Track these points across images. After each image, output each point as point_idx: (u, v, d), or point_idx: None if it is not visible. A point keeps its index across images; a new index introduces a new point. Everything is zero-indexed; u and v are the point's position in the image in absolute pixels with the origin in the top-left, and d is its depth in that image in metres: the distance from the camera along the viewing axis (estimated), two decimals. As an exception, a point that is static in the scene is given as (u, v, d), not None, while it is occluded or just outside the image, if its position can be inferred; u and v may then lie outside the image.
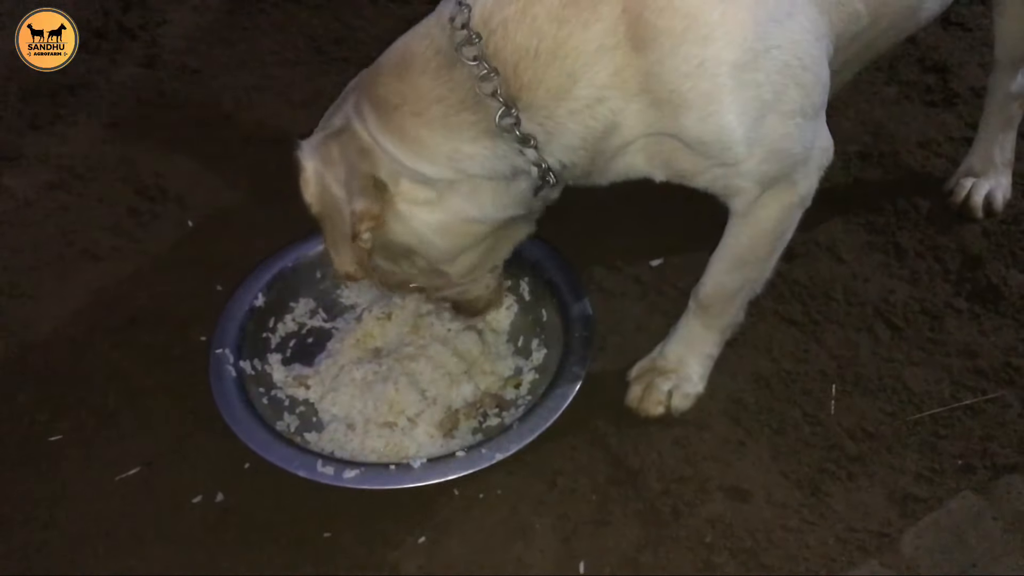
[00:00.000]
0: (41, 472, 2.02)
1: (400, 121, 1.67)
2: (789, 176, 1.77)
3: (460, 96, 1.62)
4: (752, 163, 1.67)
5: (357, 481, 1.81)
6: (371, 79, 1.72)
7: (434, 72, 1.64)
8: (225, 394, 1.96)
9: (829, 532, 1.89)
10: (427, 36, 1.67)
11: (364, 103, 1.71)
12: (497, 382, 2.10)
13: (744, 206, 1.81)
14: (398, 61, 1.69)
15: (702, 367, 2.11)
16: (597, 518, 1.93)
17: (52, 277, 2.42)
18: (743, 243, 1.91)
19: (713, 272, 2.00)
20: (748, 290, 2.02)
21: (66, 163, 2.71)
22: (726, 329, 2.09)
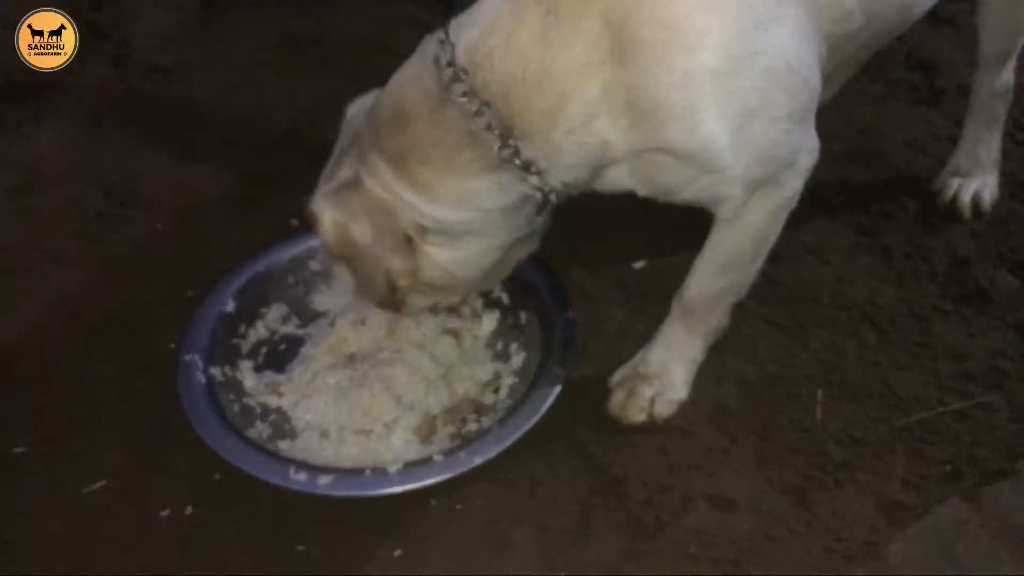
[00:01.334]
0: (4, 486, 1.96)
1: (411, 171, 1.68)
2: (776, 179, 1.75)
3: (456, 136, 1.63)
4: (739, 169, 1.66)
5: (331, 488, 1.76)
6: (374, 133, 1.72)
7: (428, 117, 1.64)
8: (194, 401, 1.91)
9: (815, 541, 1.85)
10: (416, 80, 1.67)
11: (374, 157, 1.71)
12: (475, 387, 2.06)
13: (731, 212, 1.79)
14: (395, 112, 1.69)
15: (686, 372, 2.07)
16: (578, 529, 1.88)
17: (18, 283, 2.36)
18: (729, 247, 1.89)
19: (697, 276, 1.97)
20: (733, 294, 2.00)
21: (33, 166, 2.65)
22: (710, 334, 2.06)
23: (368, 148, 1.73)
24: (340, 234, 1.77)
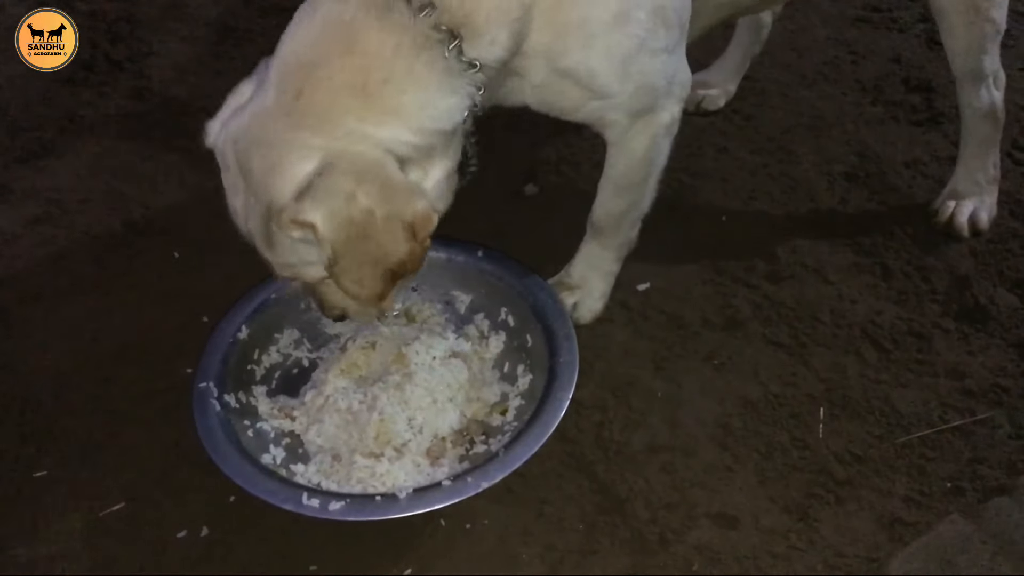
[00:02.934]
0: (25, 508, 2.01)
1: (378, 97, 1.60)
2: (655, 107, 1.95)
3: (411, 37, 1.59)
4: (624, 97, 1.87)
5: (343, 513, 1.79)
6: (315, 73, 1.60)
7: (377, 25, 1.59)
8: (209, 429, 1.94)
9: (817, 558, 1.88)
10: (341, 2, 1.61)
11: (328, 100, 1.60)
12: (483, 409, 2.09)
13: (617, 136, 1.99)
14: (333, 40, 1.60)
15: (603, 283, 2.32)
16: (584, 547, 1.92)
17: (38, 311, 2.41)
18: (620, 170, 2.09)
19: (600, 199, 2.18)
20: (634, 212, 2.20)
21: (53, 196, 2.71)
22: (621, 247, 2.28)
23: (314, 90, 1.60)
24: (344, 223, 1.61)
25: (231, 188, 1.75)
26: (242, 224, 1.77)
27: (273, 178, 1.63)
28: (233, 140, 1.68)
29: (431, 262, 2.27)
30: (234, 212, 1.78)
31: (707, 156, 2.82)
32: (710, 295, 2.41)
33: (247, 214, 1.73)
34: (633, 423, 2.13)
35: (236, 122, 1.70)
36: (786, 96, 3.03)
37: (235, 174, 1.70)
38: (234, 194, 1.75)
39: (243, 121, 1.68)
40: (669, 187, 2.70)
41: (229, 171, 1.72)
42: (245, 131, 1.66)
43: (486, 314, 2.25)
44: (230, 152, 1.70)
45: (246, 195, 1.70)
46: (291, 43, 1.65)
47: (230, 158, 1.70)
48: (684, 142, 2.83)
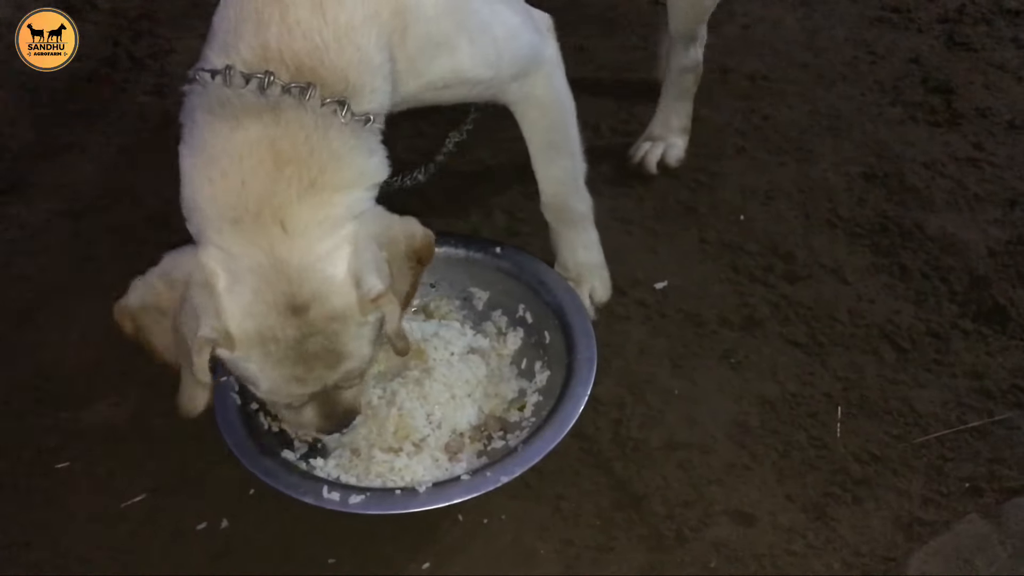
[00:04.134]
0: (48, 499, 2.04)
1: (330, 185, 1.61)
2: (533, 58, 1.99)
3: (312, 122, 1.59)
4: (502, 71, 1.93)
5: (363, 507, 1.81)
6: (273, 202, 1.56)
7: (281, 131, 1.57)
8: (230, 423, 1.96)
9: (835, 556, 1.88)
10: (229, 121, 1.57)
11: (302, 212, 1.58)
12: (501, 405, 2.10)
13: (519, 96, 2.04)
14: (257, 166, 1.56)
15: (595, 255, 2.35)
16: (601, 543, 1.93)
17: (61, 305, 2.44)
18: (541, 126, 2.13)
19: (540, 173, 2.22)
20: (577, 169, 2.22)
21: (75, 192, 2.74)
22: (585, 218, 2.30)
23: (299, 229, 1.58)
24: (372, 291, 1.62)
25: (280, 360, 1.63)
26: (299, 379, 1.67)
27: (331, 297, 1.60)
28: (269, 312, 1.59)
29: (449, 259, 2.29)
30: (284, 381, 1.67)
31: (725, 156, 2.82)
32: (727, 294, 2.42)
33: (310, 362, 1.65)
34: (650, 420, 2.14)
35: (252, 299, 1.59)
36: (804, 96, 3.02)
37: (289, 340, 1.61)
38: (289, 362, 1.64)
39: (260, 289, 1.58)
40: (686, 186, 2.73)
41: (277, 344, 1.61)
42: (273, 294, 1.58)
43: (504, 311, 2.26)
44: (274, 324, 1.59)
45: (309, 344, 1.62)
46: (219, 197, 1.57)
47: (278, 329, 1.60)
48: (701, 142, 2.86)
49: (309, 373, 1.66)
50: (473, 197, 2.71)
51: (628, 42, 3.27)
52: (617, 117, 2.95)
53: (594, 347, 2.07)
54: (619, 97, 3.02)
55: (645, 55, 3.14)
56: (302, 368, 1.65)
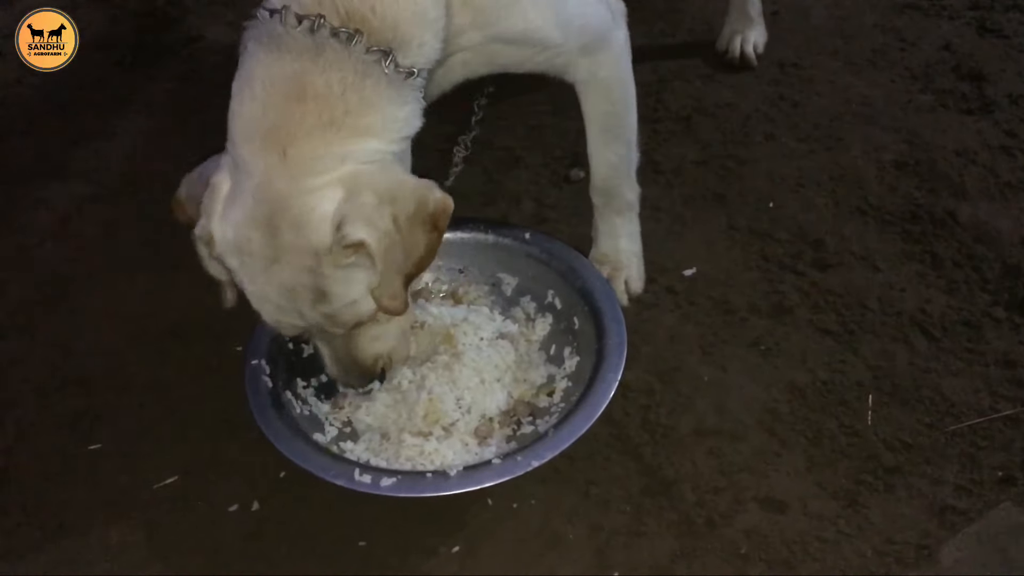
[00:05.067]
0: (81, 480, 2.06)
1: (351, 127, 1.65)
2: (603, 35, 2.03)
3: (352, 67, 1.64)
4: (570, 42, 1.95)
5: (394, 489, 1.81)
6: (284, 130, 1.61)
7: (320, 71, 1.63)
8: (262, 406, 1.96)
9: (867, 544, 1.87)
10: (277, 57, 1.64)
11: (311, 144, 1.62)
12: (530, 390, 2.10)
13: (583, 75, 2.07)
14: (283, 95, 1.62)
15: (635, 245, 2.37)
16: (631, 529, 1.92)
17: (92, 289, 2.46)
18: (601, 110, 2.15)
19: (595, 156, 2.24)
20: (630, 156, 2.26)
21: (105, 177, 2.76)
22: (632, 207, 2.33)
23: (302, 158, 1.62)
24: (382, 234, 1.66)
25: (254, 275, 1.69)
26: (280, 306, 1.72)
27: (307, 229, 1.63)
28: (247, 225, 1.65)
29: (478, 245, 2.29)
30: (263, 299, 1.72)
31: (753, 143, 2.80)
32: (757, 281, 2.40)
33: (287, 289, 1.68)
34: (680, 407, 2.13)
35: (239, 210, 1.65)
36: (834, 83, 3.00)
37: (260, 257, 1.66)
38: (262, 279, 1.68)
39: (247, 203, 1.64)
40: (715, 173, 2.71)
41: (251, 257, 1.67)
42: (255, 210, 1.63)
43: (532, 296, 2.25)
44: (250, 237, 1.65)
45: (280, 268, 1.66)
46: (244, 117, 1.67)
47: (254, 243, 1.65)
48: (730, 128, 2.84)
49: (291, 303, 1.71)
50: (501, 185, 2.71)
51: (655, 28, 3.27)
52: (646, 104, 2.93)
53: (624, 333, 2.06)
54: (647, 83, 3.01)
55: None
56: (284, 297, 1.70)
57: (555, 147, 2.82)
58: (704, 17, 3.29)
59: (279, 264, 1.66)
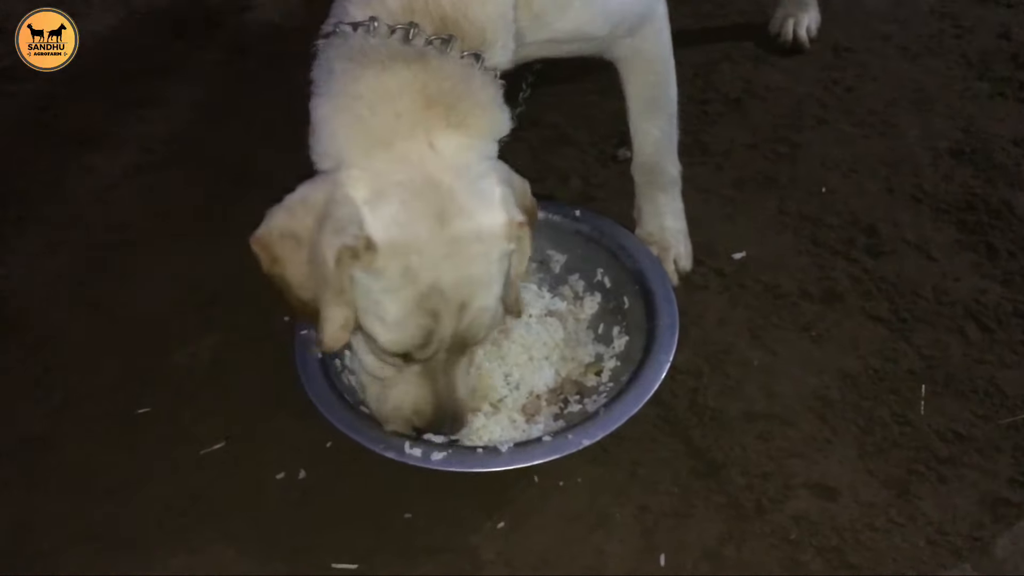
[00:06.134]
0: (129, 444, 2.06)
1: (476, 128, 1.67)
2: (646, 14, 2.05)
3: (458, 71, 1.65)
4: (617, 31, 2.00)
5: (444, 463, 1.80)
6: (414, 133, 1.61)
7: (430, 78, 1.62)
8: (311, 377, 1.95)
9: (919, 533, 1.85)
10: (381, 68, 1.61)
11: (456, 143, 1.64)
12: (578, 368, 2.08)
13: (627, 52, 2.09)
14: (410, 106, 1.62)
15: (680, 223, 2.35)
16: (678, 511, 1.91)
17: (139, 256, 2.46)
18: (645, 80, 2.16)
19: (639, 130, 2.24)
20: (671, 131, 2.26)
21: (152, 145, 2.76)
22: (676, 182, 2.33)
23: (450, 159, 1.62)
24: (518, 217, 1.68)
25: (416, 278, 1.61)
26: (421, 324, 1.65)
27: (476, 212, 1.62)
28: (414, 221, 1.59)
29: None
30: (407, 316, 1.64)
31: (806, 127, 2.76)
32: (807, 266, 2.37)
33: (452, 286, 1.63)
34: (729, 390, 2.11)
35: (398, 209, 1.59)
36: (888, 68, 2.95)
37: (429, 254, 1.60)
38: (425, 281, 1.61)
39: (407, 200, 1.59)
40: (766, 157, 2.68)
41: (419, 256, 1.59)
42: (420, 205, 1.59)
43: (581, 275, 2.24)
44: (419, 233, 1.59)
45: (451, 264, 1.61)
46: (366, 129, 1.61)
47: (423, 239, 1.59)
48: (781, 112, 2.81)
49: (440, 305, 1.63)
50: (549, 163, 2.68)
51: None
52: (694, 85, 2.90)
53: (676, 314, 2.04)
54: (696, 64, 2.97)
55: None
56: (436, 299, 1.62)
57: (602, 126, 2.79)
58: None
59: (450, 260, 1.60)
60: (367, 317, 1.67)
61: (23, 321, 2.31)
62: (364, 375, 1.84)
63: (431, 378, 1.77)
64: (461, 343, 1.74)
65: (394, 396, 1.80)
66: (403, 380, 1.78)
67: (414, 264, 1.59)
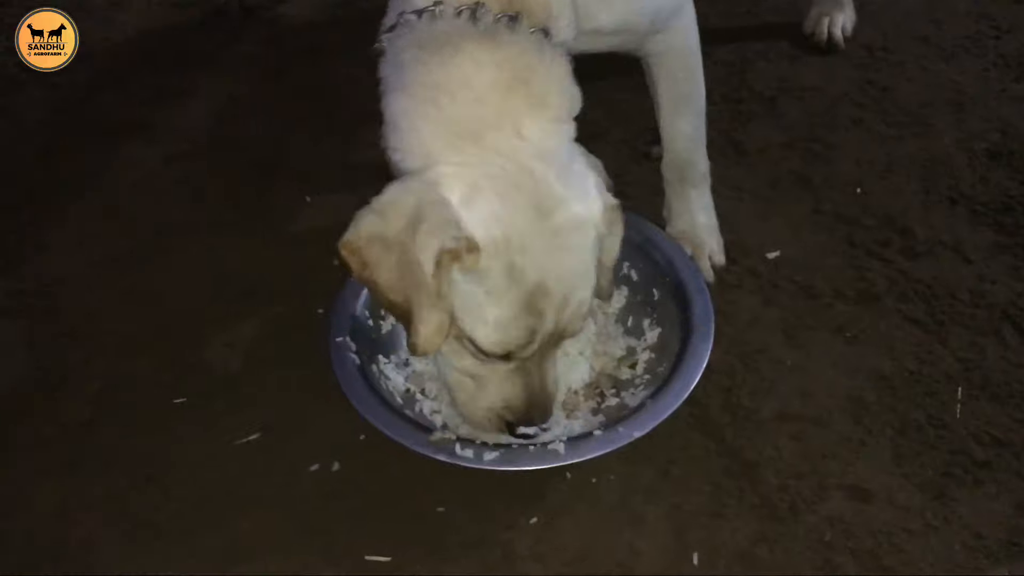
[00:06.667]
0: (165, 433, 2.08)
1: (558, 107, 1.66)
2: (678, 10, 2.06)
3: (531, 47, 1.63)
4: (656, 24, 2.01)
5: (499, 463, 1.78)
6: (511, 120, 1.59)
7: (506, 55, 1.60)
8: (351, 381, 1.93)
9: (955, 538, 1.83)
10: (456, 52, 1.59)
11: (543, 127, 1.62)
12: (610, 363, 2.08)
13: (659, 47, 2.09)
14: (494, 86, 1.59)
15: (711, 219, 2.34)
16: (711, 510, 1.90)
17: (176, 246, 2.48)
18: (676, 75, 2.16)
19: (669, 129, 2.24)
20: (700, 125, 2.25)
21: (188, 135, 2.78)
22: (705, 178, 2.32)
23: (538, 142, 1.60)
24: (612, 200, 1.71)
25: (521, 276, 1.58)
26: (523, 324, 1.64)
27: (573, 201, 1.61)
28: (515, 215, 1.57)
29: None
30: (512, 316, 1.61)
31: (840, 127, 2.75)
32: (842, 267, 2.36)
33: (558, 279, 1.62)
34: (762, 390, 2.10)
35: (497, 204, 1.56)
36: (924, 69, 2.93)
37: (535, 248, 1.57)
38: (532, 276, 1.59)
39: (506, 194, 1.56)
40: (800, 156, 2.67)
41: (523, 255, 1.57)
42: (518, 198, 1.57)
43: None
44: (521, 228, 1.57)
45: (558, 256, 1.61)
46: (449, 121, 1.58)
47: (527, 233, 1.57)
48: (816, 111, 2.79)
49: (544, 301, 1.60)
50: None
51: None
52: (728, 84, 2.89)
53: (709, 304, 2.03)
54: (730, 63, 2.96)
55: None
56: (541, 297, 1.59)
57: (635, 123, 2.78)
58: (789, -4, 3.23)
59: (553, 254, 1.58)
60: (468, 319, 1.63)
61: (64, 310, 2.33)
62: (453, 376, 1.79)
63: (525, 372, 1.73)
64: (559, 337, 1.71)
65: (487, 395, 1.77)
66: (497, 377, 1.75)
67: (518, 262, 1.56)
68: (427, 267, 1.53)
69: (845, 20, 3.01)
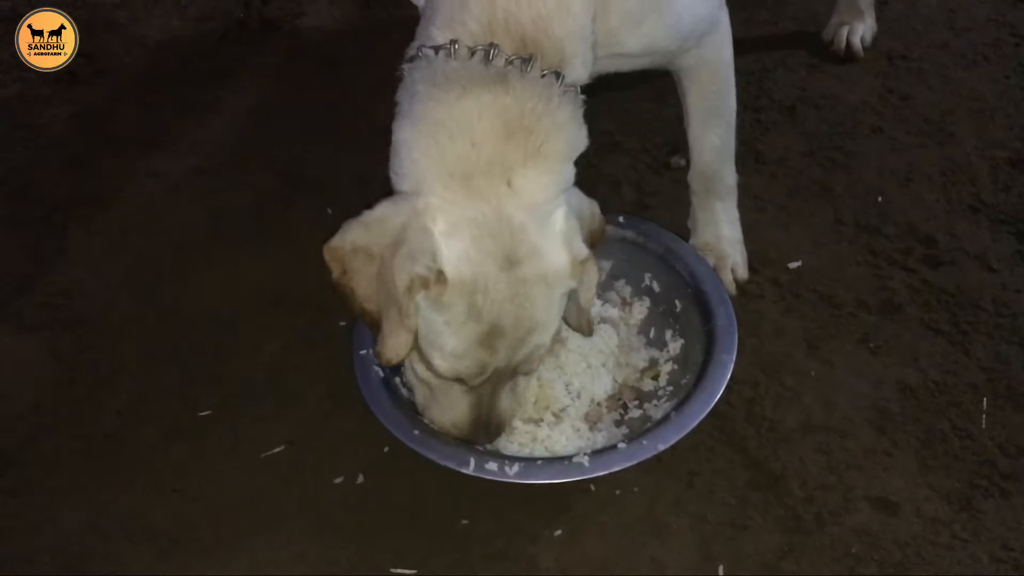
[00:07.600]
0: (190, 446, 2.09)
1: (552, 157, 1.66)
2: (711, 25, 2.03)
3: (538, 93, 1.63)
4: (685, 44, 1.99)
5: (523, 475, 1.79)
6: (502, 165, 1.61)
7: (511, 99, 1.61)
8: (376, 396, 1.94)
9: (982, 550, 1.83)
10: (463, 92, 1.61)
11: (534, 176, 1.64)
12: (633, 374, 2.09)
13: (691, 62, 2.08)
14: (489, 132, 1.61)
15: (736, 231, 2.33)
16: (736, 522, 1.90)
17: (199, 259, 2.49)
18: (707, 88, 2.14)
19: (698, 141, 2.23)
20: (729, 138, 2.24)
21: (211, 149, 2.80)
22: (732, 191, 2.31)
23: (526, 186, 1.63)
24: (581, 254, 1.71)
25: (477, 314, 1.64)
26: (479, 360, 1.71)
27: (544, 254, 1.64)
28: (486, 260, 1.62)
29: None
30: (469, 348, 1.68)
31: (861, 135, 2.74)
32: (864, 276, 2.36)
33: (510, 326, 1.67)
34: (786, 401, 2.10)
35: (470, 246, 1.62)
36: (945, 77, 2.92)
37: (495, 297, 1.63)
38: (486, 319, 1.65)
39: (480, 238, 1.61)
40: (821, 165, 2.66)
41: (484, 296, 1.63)
42: (493, 245, 1.62)
43: (627, 280, 2.24)
44: (489, 273, 1.62)
45: (517, 303, 1.65)
46: (445, 157, 1.62)
47: (491, 278, 1.62)
48: (836, 120, 2.79)
49: (499, 341, 1.68)
50: (601, 170, 2.68)
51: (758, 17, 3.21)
52: (748, 93, 2.89)
53: (732, 314, 2.04)
54: (750, 72, 2.96)
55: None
56: (496, 336, 1.67)
57: (655, 133, 2.79)
58: (808, 6, 3.22)
59: (514, 301, 1.64)
60: (426, 343, 1.72)
61: (89, 322, 2.35)
62: (415, 380, 1.89)
63: (475, 396, 1.80)
64: (512, 372, 1.79)
65: (439, 407, 1.86)
66: (449, 393, 1.82)
67: (479, 303, 1.63)
68: (400, 288, 1.60)
69: (865, 29, 3.00)
